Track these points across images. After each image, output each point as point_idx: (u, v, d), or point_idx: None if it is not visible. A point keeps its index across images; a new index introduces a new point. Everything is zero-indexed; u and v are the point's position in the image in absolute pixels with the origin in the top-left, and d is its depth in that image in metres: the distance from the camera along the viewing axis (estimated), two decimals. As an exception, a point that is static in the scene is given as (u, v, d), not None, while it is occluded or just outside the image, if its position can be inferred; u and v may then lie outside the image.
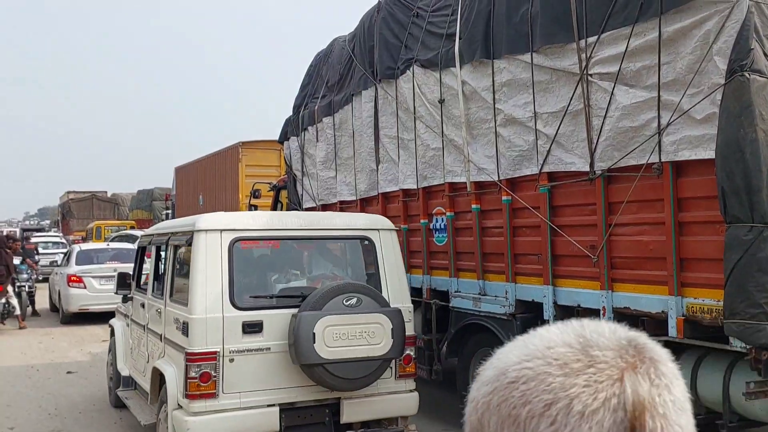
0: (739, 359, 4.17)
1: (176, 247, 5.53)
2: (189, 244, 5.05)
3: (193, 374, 4.59)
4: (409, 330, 5.17)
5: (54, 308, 15.15)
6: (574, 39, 4.81)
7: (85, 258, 14.01)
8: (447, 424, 6.76)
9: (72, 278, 13.37)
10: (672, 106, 4.17)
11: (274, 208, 11.50)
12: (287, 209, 10.39)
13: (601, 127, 4.65)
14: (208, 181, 21.59)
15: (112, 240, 21.42)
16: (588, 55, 4.72)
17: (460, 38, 6.05)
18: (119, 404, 6.79)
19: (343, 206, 8.46)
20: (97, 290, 13.09)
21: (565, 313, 5.09)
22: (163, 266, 5.87)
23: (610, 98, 4.57)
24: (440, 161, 6.43)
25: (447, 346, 6.46)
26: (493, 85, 5.67)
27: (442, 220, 6.53)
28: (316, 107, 8.95)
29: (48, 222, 63.55)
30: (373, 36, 7.59)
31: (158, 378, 5.32)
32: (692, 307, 4.14)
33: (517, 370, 0.73)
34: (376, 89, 7.47)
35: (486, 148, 5.83)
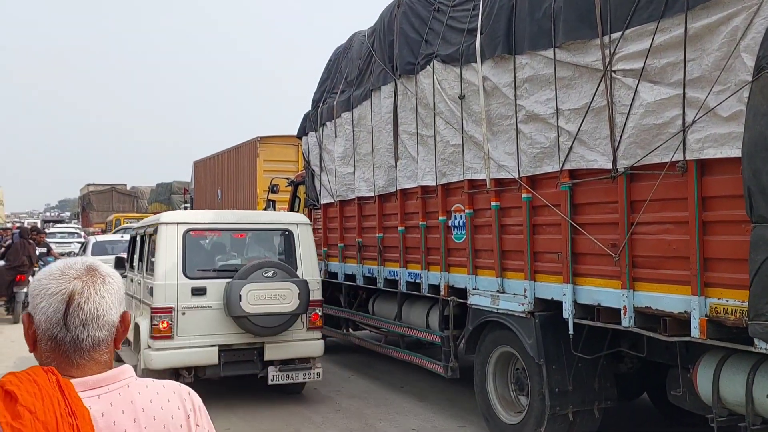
0: (763, 361, 4.11)
1: (150, 236, 7.46)
2: (156, 233, 7.13)
3: (155, 322, 6.73)
4: (315, 296, 7.33)
5: None
6: (597, 35, 4.74)
7: (100, 249, 14.66)
8: (463, 421, 6.74)
9: None
10: (697, 104, 4.10)
11: (292, 203, 11.52)
12: (305, 205, 10.41)
13: (625, 125, 4.59)
14: (227, 176, 21.66)
15: (115, 232, 21.63)
16: (612, 51, 4.66)
17: (481, 33, 6.00)
18: (117, 358, 7.72)
19: (361, 202, 8.45)
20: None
21: (585, 312, 5.04)
22: (140, 250, 7.95)
23: (634, 95, 4.50)
24: (460, 158, 6.39)
25: (465, 343, 6.43)
26: (515, 80, 5.62)
27: (461, 218, 6.49)
28: (335, 102, 8.93)
29: (68, 214, 64.19)
30: (393, 31, 7.55)
31: (136, 329, 7.20)
32: (716, 307, 4.07)
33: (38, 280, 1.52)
34: (396, 84, 7.44)
35: (506, 145, 5.78)
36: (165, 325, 6.71)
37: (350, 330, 9.37)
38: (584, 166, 4.99)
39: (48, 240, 18.19)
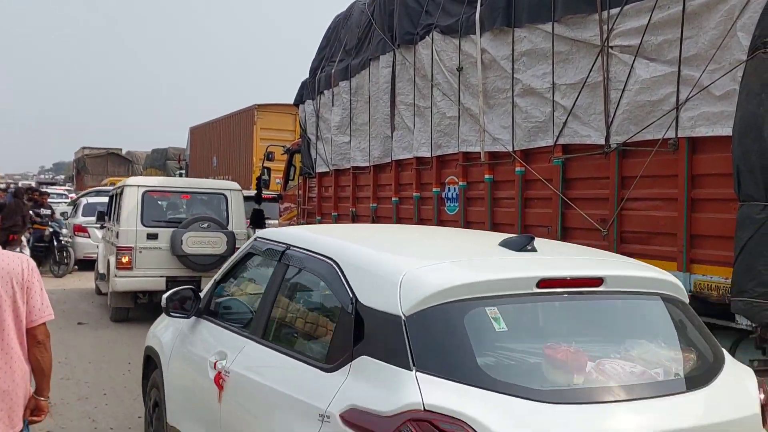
0: (744, 338, 4.19)
1: (119, 195, 9.90)
2: (122, 193, 9.59)
3: (119, 257, 9.20)
4: (240, 244, 8.21)
5: None
6: (596, 10, 4.75)
7: (91, 210, 14.76)
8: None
9: (78, 228, 14.86)
10: (692, 82, 4.13)
11: (287, 171, 11.53)
12: (300, 173, 10.42)
13: (619, 101, 4.62)
14: (223, 143, 21.55)
15: (85, 194, 21.52)
16: (610, 27, 4.67)
17: (481, 5, 5.98)
18: (99, 292, 11.37)
19: (356, 172, 8.47)
20: (99, 239, 13.68)
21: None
22: (113, 206, 10.27)
23: (630, 71, 4.53)
24: (455, 130, 6.41)
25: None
26: (513, 54, 5.62)
27: (455, 190, 6.53)
28: (333, 71, 8.91)
29: (63, 177, 63.99)
30: (394, 0, 7.51)
31: (108, 264, 9.77)
32: (700, 283, 4.14)
33: None
34: (395, 54, 7.42)
35: (502, 118, 5.80)
36: (126, 259, 9.16)
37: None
38: (578, 141, 5.03)
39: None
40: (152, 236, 9.25)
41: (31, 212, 13.91)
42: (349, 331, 2.61)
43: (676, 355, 2.73)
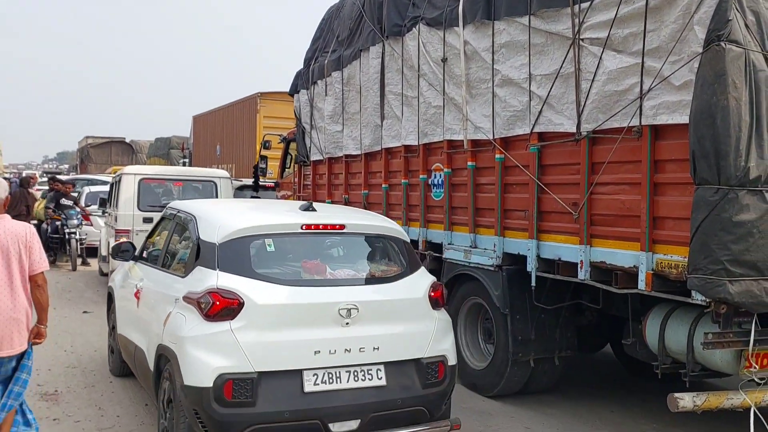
0: (704, 314, 4.46)
1: (118, 183, 10.66)
2: (120, 181, 10.45)
3: (118, 239, 9.66)
4: None
5: None
6: (569, 3, 4.99)
7: (93, 198, 15.14)
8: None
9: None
10: (654, 72, 4.38)
11: (284, 159, 11.80)
12: (295, 161, 10.69)
13: (589, 91, 4.87)
14: (226, 131, 21.67)
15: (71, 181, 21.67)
16: (581, 20, 4.91)
17: (464, -2, 6.21)
18: (102, 273, 12.38)
19: (349, 160, 8.73)
20: (102, 227, 14.08)
21: (547, 265, 5.39)
22: (113, 193, 11.02)
23: (599, 63, 4.77)
24: (441, 119, 6.67)
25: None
26: (493, 46, 5.86)
27: (440, 176, 6.79)
28: (326, 61, 9.15)
29: (67, 166, 64.28)
30: (383, -8, 7.74)
31: (108, 246, 10.46)
32: (661, 262, 4.41)
33: None
34: (384, 46, 7.66)
35: (483, 108, 6.06)
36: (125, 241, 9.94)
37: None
38: (552, 129, 5.29)
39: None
40: (148, 220, 9.70)
41: (51, 204, 13.91)
42: (194, 253, 4.47)
43: (382, 267, 4.69)
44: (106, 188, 16.89)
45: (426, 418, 4.34)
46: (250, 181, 12.31)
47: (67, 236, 13.68)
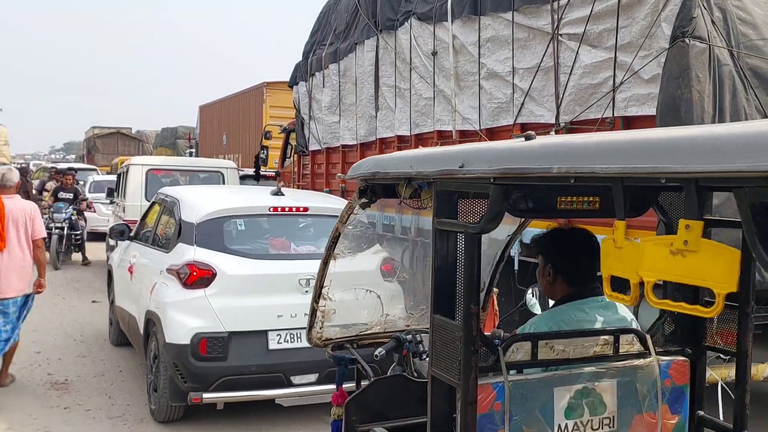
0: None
1: (125, 173, 10.97)
2: (128, 171, 10.78)
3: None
4: None
5: None
6: (548, 0, 5.22)
7: (98, 187, 15.82)
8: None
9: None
10: (626, 67, 4.62)
11: (284, 149, 12.06)
12: (294, 151, 10.96)
13: (567, 84, 5.11)
14: (232, 121, 21.63)
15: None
16: (559, 16, 5.15)
17: (453, -6, 6.45)
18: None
19: (345, 149, 8.99)
20: (104, 214, 14.51)
21: (529, 250, 5.64)
22: (121, 183, 11.32)
23: (575, 57, 5.01)
24: (431, 110, 6.92)
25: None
26: (479, 40, 6.10)
27: (431, 165, 7.03)
28: (324, 54, 9.40)
29: (74, 156, 64.69)
30: (377, -13, 7.97)
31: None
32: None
33: None
34: (378, 39, 7.90)
35: (471, 100, 6.30)
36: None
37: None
38: (533, 120, 5.53)
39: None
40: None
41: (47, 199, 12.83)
42: (177, 232, 5.12)
43: None
44: (109, 178, 17.37)
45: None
46: (251, 171, 12.55)
47: (53, 232, 11.95)
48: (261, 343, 4.67)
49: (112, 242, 11.35)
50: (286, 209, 5.23)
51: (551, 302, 2.43)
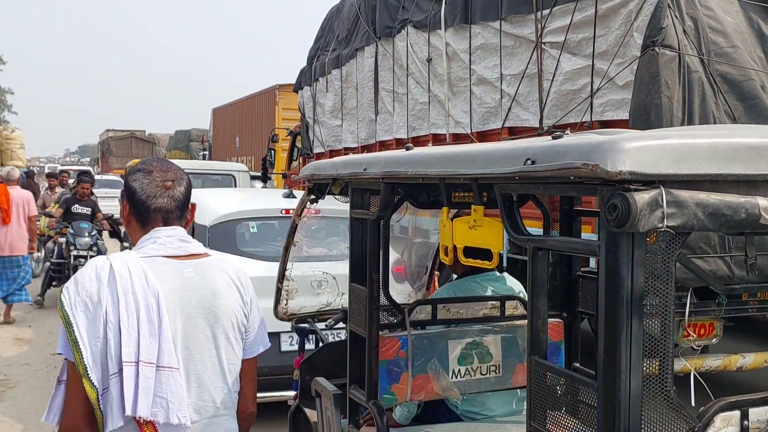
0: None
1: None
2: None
3: None
4: None
5: None
6: (533, 10, 5.50)
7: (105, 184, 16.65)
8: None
9: None
10: (602, 74, 4.88)
11: (291, 152, 12.40)
12: (300, 154, 11.29)
13: (549, 89, 5.38)
14: (245, 124, 21.78)
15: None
16: (543, 25, 5.41)
17: (445, 3, 6.74)
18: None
19: (348, 152, 9.29)
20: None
21: (518, 248, 5.92)
22: None
23: (557, 64, 5.28)
24: (426, 114, 7.20)
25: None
26: (470, 47, 6.38)
27: (427, 167, 7.33)
28: (327, 59, 9.71)
29: (88, 159, 65.45)
30: (376, -5, 8.27)
31: None
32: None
33: None
34: (377, 46, 8.20)
35: (463, 104, 6.58)
36: None
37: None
38: (519, 125, 5.80)
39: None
40: None
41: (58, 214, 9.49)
42: (190, 234, 5.04)
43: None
44: (114, 178, 17.88)
45: None
46: (258, 174, 12.90)
47: (73, 261, 8.88)
48: (273, 344, 4.89)
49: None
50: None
51: (454, 276, 3.13)
